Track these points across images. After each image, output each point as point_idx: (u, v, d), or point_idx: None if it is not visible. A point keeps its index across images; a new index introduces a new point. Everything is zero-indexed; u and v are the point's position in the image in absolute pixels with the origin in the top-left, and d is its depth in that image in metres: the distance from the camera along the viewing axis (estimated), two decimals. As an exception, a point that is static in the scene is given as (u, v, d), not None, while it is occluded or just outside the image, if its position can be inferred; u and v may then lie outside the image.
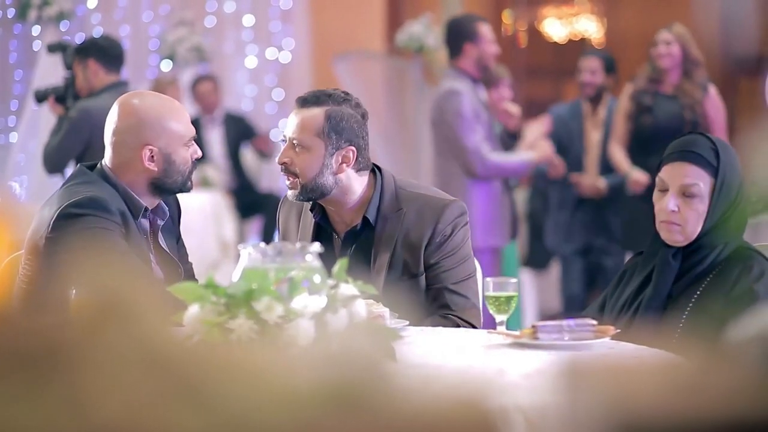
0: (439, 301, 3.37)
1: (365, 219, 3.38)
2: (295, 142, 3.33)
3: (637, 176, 6.47)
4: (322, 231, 3.45)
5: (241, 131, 9.06)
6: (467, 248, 3.43)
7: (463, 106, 6.07)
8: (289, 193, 3.38)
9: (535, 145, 6.63)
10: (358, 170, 3.38)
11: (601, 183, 6.90)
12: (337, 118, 3.33)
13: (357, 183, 3.39)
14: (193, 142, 3.38)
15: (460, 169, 6.10)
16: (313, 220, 3.44)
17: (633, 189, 6.48)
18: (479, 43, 6.20)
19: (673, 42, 6.31)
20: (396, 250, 3.35)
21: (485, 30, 6.28)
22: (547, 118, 7.00)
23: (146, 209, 3.36)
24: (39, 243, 3.20)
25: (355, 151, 3.35)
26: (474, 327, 3.36)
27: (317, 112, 3.33)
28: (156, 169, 3.33)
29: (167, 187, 3.36)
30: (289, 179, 3.36)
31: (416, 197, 3.41)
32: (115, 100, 3.40)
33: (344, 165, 3.35)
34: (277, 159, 3.40)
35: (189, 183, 3.40)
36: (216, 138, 8.96)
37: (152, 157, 3.32)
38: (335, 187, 3.35)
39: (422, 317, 3.29)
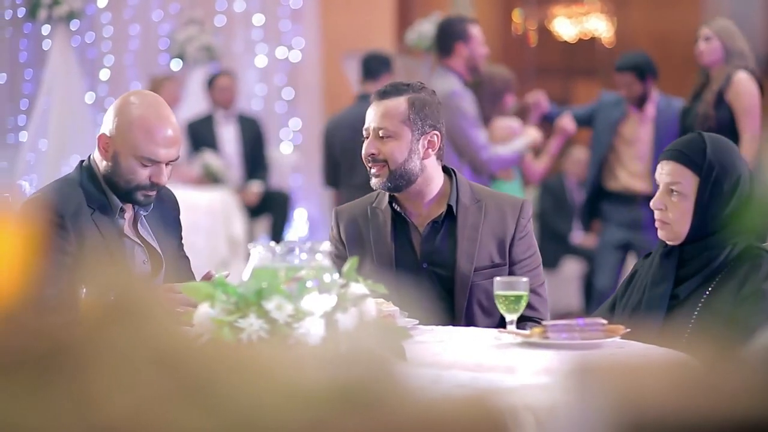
0: None
1: (449, 207, 3.46)
2: (381, 132, 3.43)
3: None
4: (402, 224, 3.51)
5: (255, 134, 9.07)
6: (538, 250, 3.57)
7: (467, 105, 6.16)
8: (375, 181, 3.45)
9: (524, 133, 6.68)
10: (438, 158, 3.51)
11: None
12: (420, 105, 3.46)
13: (437, 174, 3.51)
14: (158, 166, 3.36)
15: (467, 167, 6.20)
16: (388, 217, 3.49)
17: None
18: (470, 44, 6.34)
19: (713, 37, 6.03)
20: (481, 239, 3.44)
21: (476, 31, 6.44)
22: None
23: (122, 208, 3.40)
24: None
25: (439, 135, 3.49)
26: None
27: (400, 101, 3.45)
28: (105, 162, 3.38)
29: (115, 188, 3.39)
30: (374, 168, 3.44)
31: (490, 193, 3.56)
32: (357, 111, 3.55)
33: (430, 150, 3.47)
34: (363, 153, 3.45)
35: (138, 197, 3.39)
36: (230, 136, 8.96)
37: (106, 146, 3.37)
38: (420, 175, 3.46)
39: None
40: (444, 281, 3.45)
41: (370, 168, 3.45)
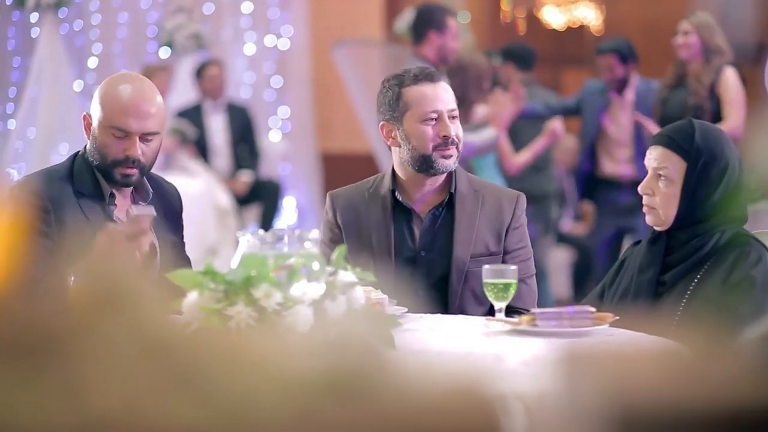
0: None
1: (450, 196, 3.45)
2: (454, 113, 3.44)
3: None
4: (402, 212, 3.48)
5: (245, 123, 9.05)
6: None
7: None
8: (450, 162, 3.41)
9: (492, 121, 6.39)
10: None
11: None
12: None
13: None
14: (131, 138, 3.31)
15: None
16: (389, 205, 3.46)
17: None
18: (444, 35, 6.23)
19: (691, 32, 6.19)
20: (478, 227, 3.43)
21: (453, 23, 6.36)
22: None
23: (112, 194, 3.36)
24: None
25: None
26: None
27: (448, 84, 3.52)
28: (88, 142, 3.38)
29: (102, 170, 3.36)
30: (451, 149, 3.41)
31: (486, 184, 3.58)
32: None
33: None
34: (446, 134, 3.40)
35: (116, 175, 3.34)
36: (219, 125, 8.94)
37: (88, 124, 3.37)
38: None
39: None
40: (439, 268, 3.43)
41: (446, 150, 3.41)
